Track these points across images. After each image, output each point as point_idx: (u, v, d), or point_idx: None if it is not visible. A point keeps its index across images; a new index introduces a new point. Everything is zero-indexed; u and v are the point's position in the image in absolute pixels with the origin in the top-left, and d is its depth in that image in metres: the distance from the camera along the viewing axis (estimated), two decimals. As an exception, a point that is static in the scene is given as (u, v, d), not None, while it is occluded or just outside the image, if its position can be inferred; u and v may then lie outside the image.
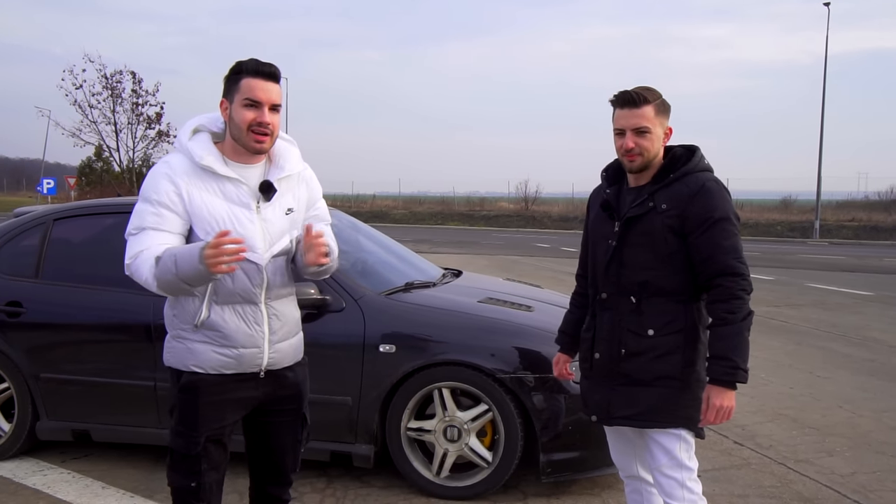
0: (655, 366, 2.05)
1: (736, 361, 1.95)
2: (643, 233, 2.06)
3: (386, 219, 34.66)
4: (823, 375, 5.52)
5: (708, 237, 1.99)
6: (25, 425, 3.49)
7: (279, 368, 2.10)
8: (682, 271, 2.05)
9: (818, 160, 28.20)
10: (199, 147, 1.97)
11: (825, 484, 3.38)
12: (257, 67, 1.93)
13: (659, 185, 2.07)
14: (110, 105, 27.15)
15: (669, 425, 2.06)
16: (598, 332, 2.16)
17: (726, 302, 1.97)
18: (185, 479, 2.05)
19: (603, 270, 2.14)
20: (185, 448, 2.03)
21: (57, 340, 3.48)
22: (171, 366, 2.05)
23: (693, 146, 2.14)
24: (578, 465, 3.12)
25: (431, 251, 15.79)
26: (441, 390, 3.12)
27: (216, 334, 1.98)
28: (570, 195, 39.54)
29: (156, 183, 1.95)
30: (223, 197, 1.96)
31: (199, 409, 2.01)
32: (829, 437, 4.06)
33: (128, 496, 3.14)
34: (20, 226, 3.74)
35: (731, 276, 1.98)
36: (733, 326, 1.96)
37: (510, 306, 3.58)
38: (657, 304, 2.06)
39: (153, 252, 1.90)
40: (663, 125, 2.08)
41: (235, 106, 1.94)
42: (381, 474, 3.32)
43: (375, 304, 3.24)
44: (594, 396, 2.19)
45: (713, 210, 2.00)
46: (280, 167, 2.05)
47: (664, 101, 2.09)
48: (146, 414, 3.33)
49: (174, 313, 2.03)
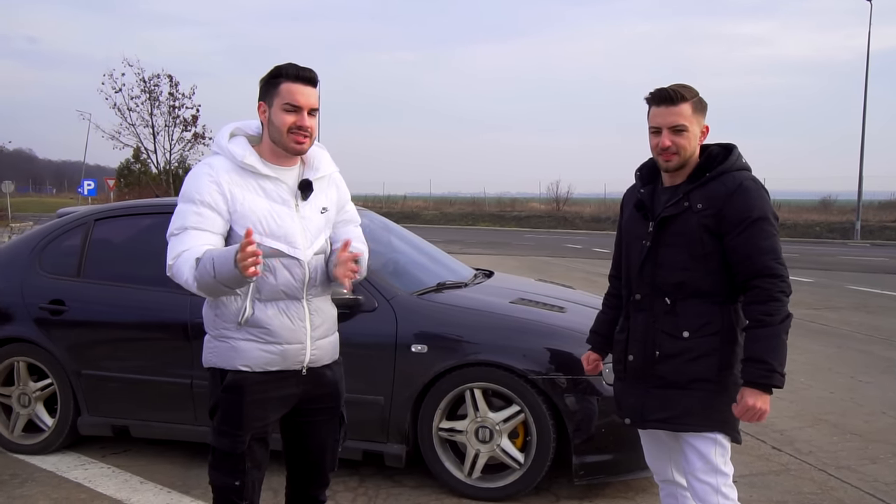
0: (691, 368, 2.01)
1: (772, 364, 1.90)
2: (678, 233, 2.03)
3: (417, 219, 34.76)
4: (865, 380, 5.36)
5: (745, 237, 1.95)
6: (67, 420, 3.59)
7: (319, 366, 2.14)
8: (718, 272, 2.01)
9: (860, 159, 27.43)
10: (239, 148, 2.02)
11: (868, 492, 3.28)
12: (297, 73, 1.99)
13: (694, 184, 2.03)
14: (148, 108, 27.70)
15: (704, 429, 2.03)
16: (632, 334, 2.13)
17: (763, 304, 1.93)
18: (229, 478, 2.07)
19: (637, 271, 2.11)
20: (230, 447, 2.05)
21: (97, 338, 3.57)
22: (214, 366, 2.06)
23: (730, 145, 2.10)
24: (612, 467, 3.09)
25: (462, 252, 15.79)
26: (473, 391, 3.12)
27: (261, 331, 2.01)
28: (602, 195, 39.14)
29: (198, 183, 1.99)
30: (264, 195, 2.01)
31: (244, 408, 2.03)
32: (871, 444, 3.95)
33: (165, 491, 3.21)
34: (63, 226, 3.84)
35: (768, 278, 1.93)
36: (770, 328, 1.91)
37: (542, 307, 3.56)
38: (693, 306, 2.03)
39: (194, 253, 1.93)
40: (700, 123, 2.05)
41: (275, 109, 1.99)
42: (412, 474, 3.33)
43: (407, 304, 3.25)
44: (628, 399, 2.16)
45: (751, 209, 1.96)
46: (315, 168, 2.11)
47: (701, 98, 2.06)
48: (182, 411, 3.39)
49: (216, 313, 2.05)
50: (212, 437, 2.09)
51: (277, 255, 2.00)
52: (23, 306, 3.63)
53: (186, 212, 1.98)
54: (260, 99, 2.03)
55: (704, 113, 2.07)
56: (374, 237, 3.96)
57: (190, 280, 1.93)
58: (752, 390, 1.92)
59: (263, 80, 2.03)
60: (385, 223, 4.37)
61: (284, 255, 2.01)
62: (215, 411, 2.08)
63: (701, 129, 2.06)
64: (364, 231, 2.38)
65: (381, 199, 42.56)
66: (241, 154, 2.00)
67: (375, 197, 43.01)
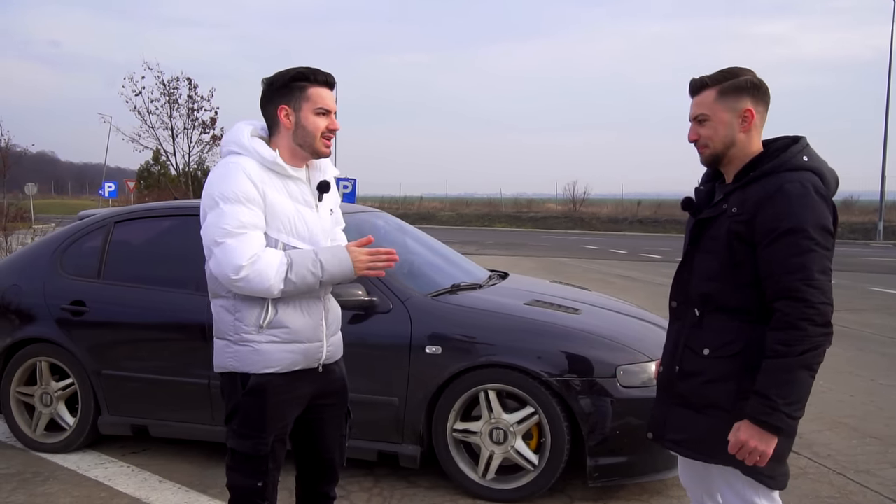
0: (706, 391, 1.84)
1: (775, 401, 1.67)
2: (712, 237, 1.84)
3: (433, 220, 34.80)
4: (887, 383, 5.29)
5: (773, 251, 1.71)
6: (88, 420, 3.65)
7: (331, 363, 2.19)
8: (749, 286, 1.78)
9: (882, 158, 27.02)
10: (265, 150, 1.99)
11: (888, 496, 3.24)
12: (326, 79, 2.05)
13: (738, 183, 1.82)
14: (167, 111, 28.01)
15: (713, 461, 1.85)
16: (666, 344, 2.00)
17: (782, 331, 1.68)
18: (251, 480, 2.07)
19: (676, 276, 1.97)
20: (252, 450, 2.05)
21: (117, 339, 3.62)
22: (235, 370, 2.04)
23: (799, 137, 1.85)
24: (626, 470, 3.08)
25: (478, 253, 15.78)
26: (487, 392, 3.12)
27: (283, 331, 2.02)
28: (620, 196, 38.94)
29: (238, 183, 1.94)
30: (289, 196, 2.03)
31: (267, 411, 2.04)
32: (892, 448, 3.89)
33: (183, 490, 3.25)
34: (83, 228, 3.91)
35: (791, 301, 1.67)
36: (783, 360, 1.67)
37: (557, 309, 3.56)
38: (718, 321, 1.83)
39: (277, 258, 1.93)
40: (734, 108, 1.81)
41: (305, 113, 2.02)
42: (427, 475, 3.34)
43: (422, 306, 3.27)
44: (654, 412, 2.02)
45: (783, 218, 1.70)
46: (322, 171, 2.15)
47: (740, 80, 1.81)
48: (200, 411, 3.44)
49: (235, 317, 2.02)
50: (231, 440, 2.08)
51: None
52: (45, 307, 3.70)
53: (237, 212, 1.92)
54: (281, 102, 2.01)
55: (744, 96, 1.81)
56: (388, 238, 3.99)
57: (276, 283, 1.92)
58: (749, 425, 1.71)
59: (280, 82, 2.02)
60: (400, 224, 4.39)
61: None
62: (233, 415, 2.07)
63: (740, 115, 1.81)
64: (379, 232, 2.44)
65: (398, 200, 42.68)
66: (271, 154, 1.98)
67: (392, 198, 43.14)
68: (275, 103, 2.03)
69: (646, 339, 3.38)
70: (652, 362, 3.13)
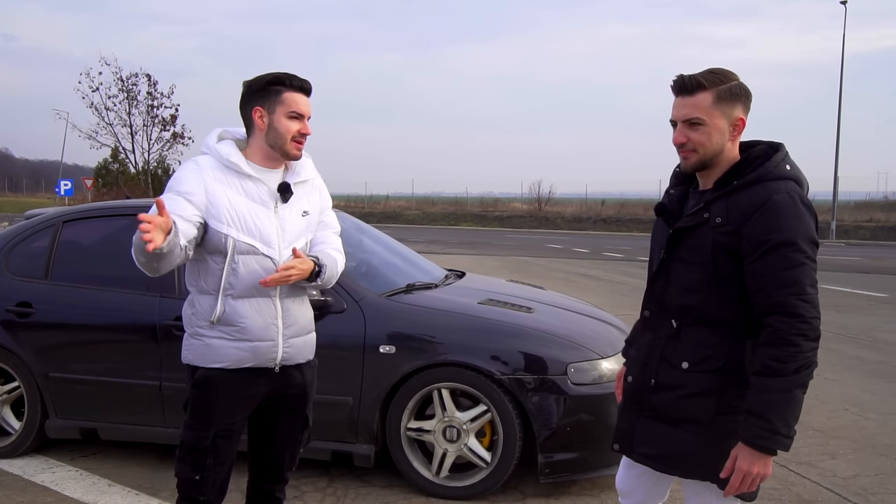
0: (684, 405, 1.75)
1: (774, 424, 1.59)
2: (693, 248, 1.75)
3: (399, 219, 34.75)
4: (831, 378, 5.48)
5: (763, 264, 1.64)
6: (35, 424, 3.57)
7: (292, 365, 2.20)
8: (734, 299, 1.71)
9: (835, 160, 27.89)
10: (225, 148, 2.11)
11: (826, 486, 3.37)
12: (301, 84, 2.10)
13: (720, 192, 1.73)
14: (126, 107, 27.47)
15: (694, 476, 1.78)
16: (636, 354, 1.91)
17: (775, 347, 1.60)
18: (191, 472, 2.12)
19: (650, 284, 1.88)
20: (194, 441, 2.11)
21: (65, 340, 3.55)
22: (190, 363, 2.13)
23: (777, 144, 1.78)
24: (577, 465, 3.14)
25: (444, 252, 15.83)
26: (441, 391, 3.15)
27: (233, 329, 2.07)
28: (584, 195, 39.41)
29: (182, 176, 2.08)
30: (244, 194, 2.08)
31: (210, 404, 2.10)
32: (832, 440, 4.04)
33: (133, 493, 3.20)
34: (30, 228, 3.82)
35: (783, 316, 1.60)
36: (779, 380, 1.59)
37: (511, 307, 3.61)
38: (698, 334, 1.75)
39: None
40: (729, 116, 1.72)
41: (278, 116, 2.08)
42: (381, 474, 3.35)
43: (376, 306, 3.28)
44: (621, 424, 1.94)
45: (774, 231, 1.63)
46: (297, 173, 2.19)
47: (734, 86, 1.73)
48: (152, 413, 3.39)
49: (192, 311, 2.12)
50: (182, 429, 2.16)
51: (252, 252, 2.06)
52: (-11, 309, 3.60)
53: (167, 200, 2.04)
54: (255, 104, 2.09)
55: (739, 103, 1.74)
56: (345, 238, 3.95)
57: (136, 239, 1.91)
58: (748, 450, 1.62)
59: (257, 85, 2.09)
60: (357, 224, 4.39)
61: (258, 252, 2.07)
62: (185, 406, 2.15)
63: (732, 123, 1.73)
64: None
65: (364, 198, 42.48)
66: (226, 153, 2.08)
67: (358, 197, 42.94)
68: (251, 105, 2.11)
69: (598, 337, 3.45)
70: (603, 360, 3.20)
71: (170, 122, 27.83)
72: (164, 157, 28.48)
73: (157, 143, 28.33)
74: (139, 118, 27.70)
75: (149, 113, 27.56)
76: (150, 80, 27.38)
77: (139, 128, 27.80)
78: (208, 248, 2.06)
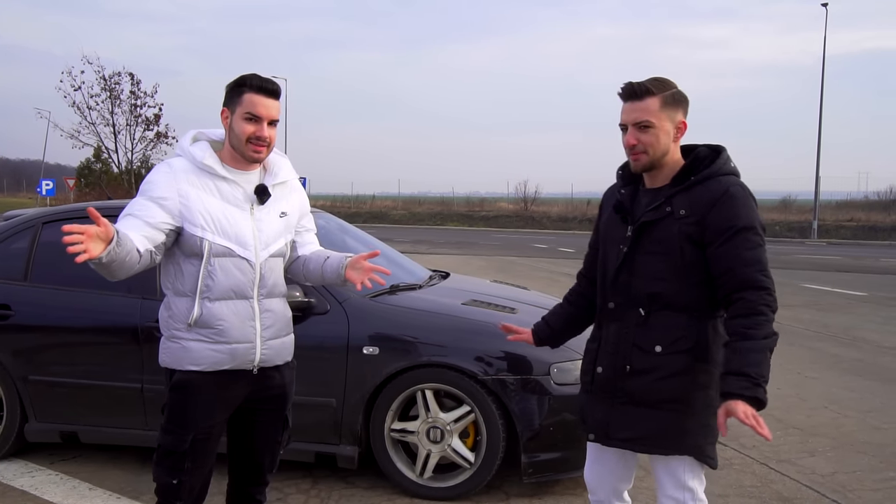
0: (661, 386, 1.88)
1: (756, 378, 1.72)
2: (658, 240, 1.89)
3: (385, 219, 34.71)
4: (811, 376, 5.55)
5: (729, 248, 1.81)
6: (14, 427, 3.52)
7: (270, 366, 2.18)
8: (698, 284, 1.87)
9: (816, 160, 28.24)
10: (199, 150, 2.09)
11: (805, 484, 3.41)
12: (261, 84, 2.05)
13: (678, 188, 1.89)
14: (109, 107, 27.21)
15: (673, 452, 1.90)
16: (604, 345, 2.00)
17: (747, 317, 1.77)
18: (169, 476, 2.10)
19: (612, 278, 1.97)
20: (172, 445, 2.08)
21: (45, 343, 3.51)
22: (167, 366, 2.11)
23: (719, 146, 1.96)
24: (560, 465, 3.15)
25: (430, 252, 15.84)
26: (424, 392, 3.16)
27: (210, 331, 2.05)
28: (570, 195, 39.61)
29: (154, 179, 2.05)
30: (219, 196, 2.07)
31: (188, 408, 2.07)
32: (812, 438, 4.10)
33: (114, 497, 3.18)
34: (9, 229, 3.77)
35: (753, 290, 1.79)
36: (753, 342, 1.75)
37: (494, 308, 3.62)
38: (667, 318, 1.89)
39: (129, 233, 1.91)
40: (673, 119, 1.90)
41: (236, 118, 2.06)
42: (365, 475, 3.35)
43: (359, 307, 3.27)
44: (594, 414, 2.01)
45: (736, 218, 1.82)
46: (274, 174, 2.18)
47: (676, 92, 1.90)
48: (133, 416, 3.36)
49: (169, 314, 2.09)
50: (159, 433, 2.13)
51: (228, 254, 2.05)
52: (-33, 311, 3.55)
53: (135, 203, 2.04)
54: (224, 105, 2.09)
55: (680, 108, 1.92)
56: (329, 239, 3.97)
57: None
58: (733, 402, 1.72)
59: (229, 87, 2.09)
60: (341, 224, 4.38)
61: (234, 254, 2.06)
62: (163, 410, 2.13)
63: (676, 126, 1.91)
64: (319, 233, 2.46)
65: (350, 199, 42.40)
66: (199, 156, 2.07)
67: (344, 197, 42.85)
68: (223, 106, 2.10)
69: (581, 337, 3.45)
70: (585, 360, 3.22)
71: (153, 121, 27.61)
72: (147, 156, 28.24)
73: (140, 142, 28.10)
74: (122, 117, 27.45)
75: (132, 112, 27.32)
76: (133, 78, 27.15)
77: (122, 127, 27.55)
78: (184, 251, 2.05)
